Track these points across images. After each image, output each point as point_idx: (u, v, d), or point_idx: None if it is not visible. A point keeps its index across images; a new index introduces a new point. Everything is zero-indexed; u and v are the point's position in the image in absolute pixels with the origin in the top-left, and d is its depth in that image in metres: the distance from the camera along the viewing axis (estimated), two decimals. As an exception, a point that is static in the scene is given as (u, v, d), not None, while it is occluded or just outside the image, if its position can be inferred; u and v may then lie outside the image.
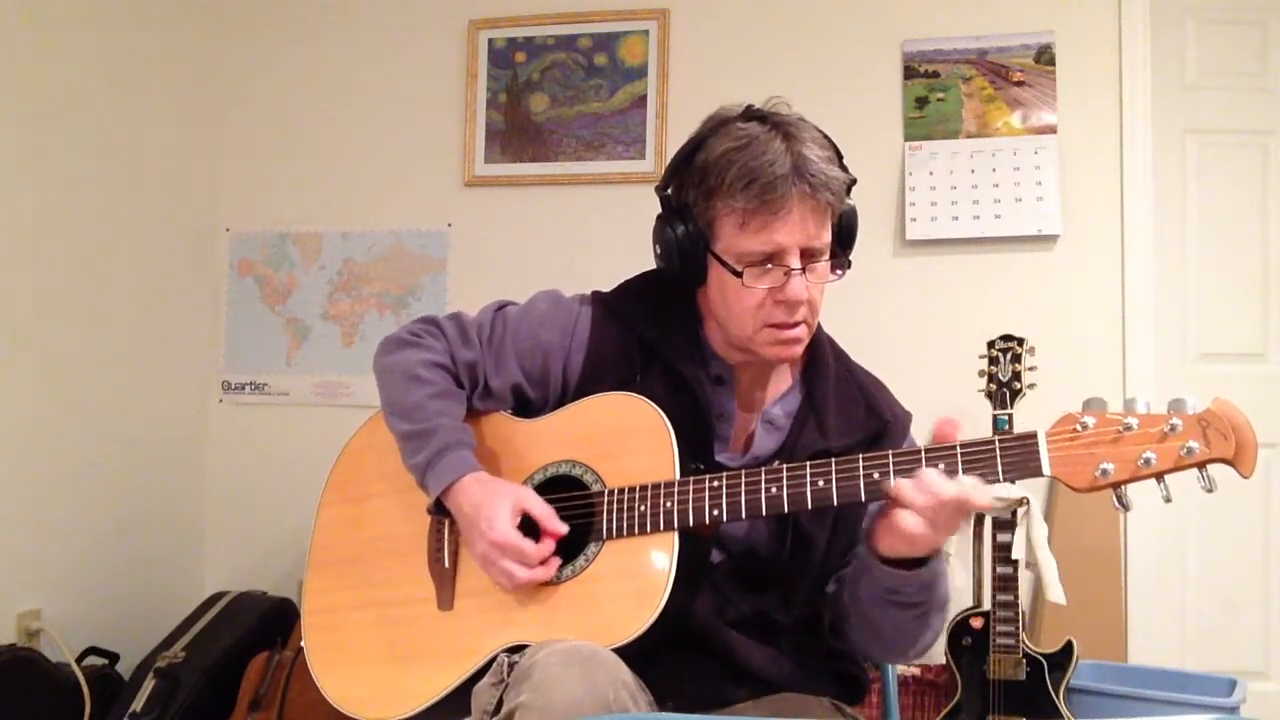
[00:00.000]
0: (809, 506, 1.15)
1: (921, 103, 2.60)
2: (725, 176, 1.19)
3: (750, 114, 1.26)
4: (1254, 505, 2.54)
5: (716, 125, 1.25)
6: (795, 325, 1.23)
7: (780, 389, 1.35)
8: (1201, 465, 0.99)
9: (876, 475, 1.12)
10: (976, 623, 2.15)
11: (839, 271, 1.28)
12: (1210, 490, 0.99)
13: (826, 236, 1.23)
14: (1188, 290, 2.59)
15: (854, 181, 1.29)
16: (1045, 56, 2.55)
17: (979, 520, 2.26)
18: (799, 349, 1.27)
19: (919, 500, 1.09)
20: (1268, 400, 2.55)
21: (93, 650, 2.30)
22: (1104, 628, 2.34)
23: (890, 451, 1.14)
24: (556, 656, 1.07)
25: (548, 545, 1.22)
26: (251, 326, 2.87)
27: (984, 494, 1.08)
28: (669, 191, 1.30)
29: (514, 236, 2.76)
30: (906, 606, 1.19)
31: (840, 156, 1.26)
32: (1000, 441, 1.08)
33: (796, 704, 1.28)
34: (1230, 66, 2.62)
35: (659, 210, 1.30)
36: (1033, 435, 1.06)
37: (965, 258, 2.56)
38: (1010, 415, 2.19)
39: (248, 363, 2.87)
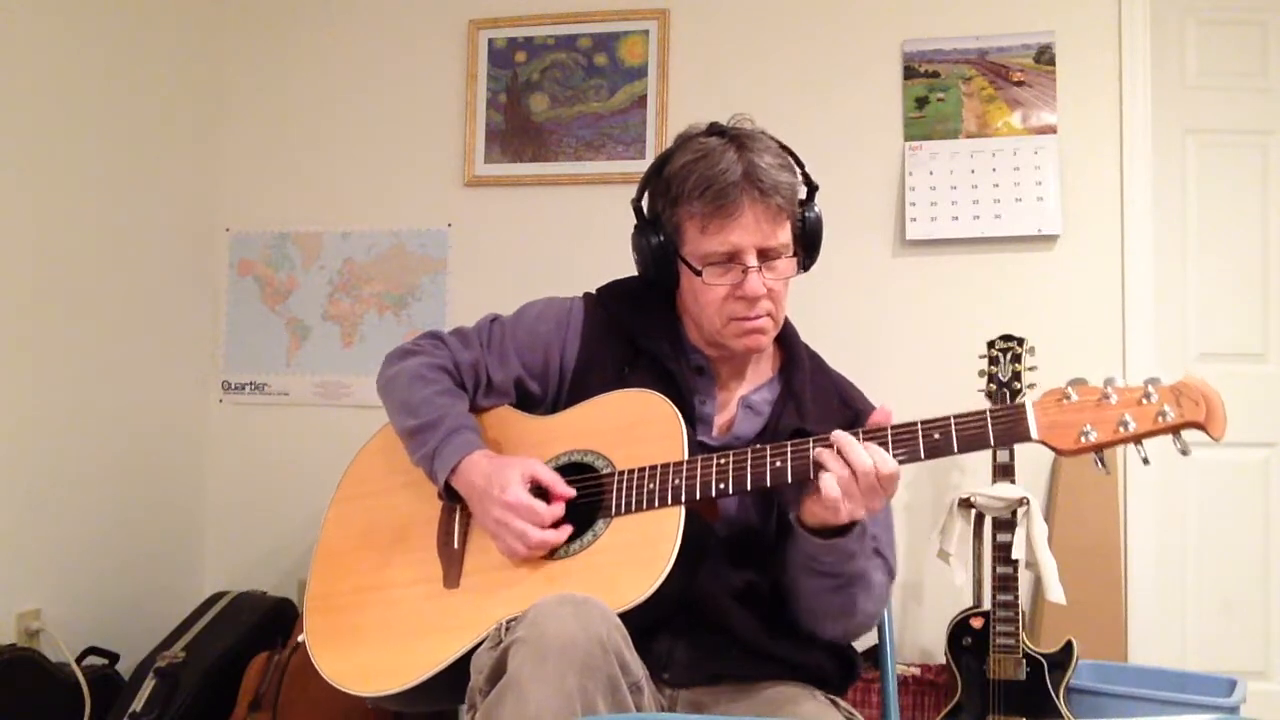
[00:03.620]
0: (811, 477, 1.20)
1: (921, 103, 2.60)
2: (685, 186, 1.32)
3: (712, 130, 1.37)
4: (1254, 505, 2.54)
5: (681, 141, 1.38)
6: (758, 317, 1.34)
7: (760, 380, 1.44)
8: (1176, 430, 1.09)
9: (876, 445, 1.18)
10: (976, 623, 2.15)
11: (801, 270, 1.40)
12: (1185, 453, 1.10)
13: (783, 237, 1.34)
14: (1188, 290, 2.59)
15: (815, 187, 1.40)
16: (1045, 56, 2.55)
17: (979, 520, 2.27)
18: (764, 339, 1.37)
19: (840, 470, 1.16)
20: (1268, 400, 2.55)
21: (93, 650, 2.30)
22: (1104, 628, 2.34)
23: (889, 427, 1.19)
24: (551, 600, 1.12)
25: (558, 507, 1.27)
26: (251, 326, 2.87)
27: (890, 463, 1.16)
28: (642, 203, 1.42)
29: (514, 236, 2.76)
30: (824, 575, 1.24)
31: (800, 166, 1.38)
32: (991, 411, 1.16)
33: (791, 698, 1.30)
34: (1230, 66, 2.62)
35: (634, 221, 1.42)
36: (1020, 404, 1.15)
37: (965, 258, 2.56)
38: (1010, 415, 2.18)
39: (248, 363, 2.87)
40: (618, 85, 2.74)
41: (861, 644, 1.46)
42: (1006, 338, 2.20)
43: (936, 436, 1.16)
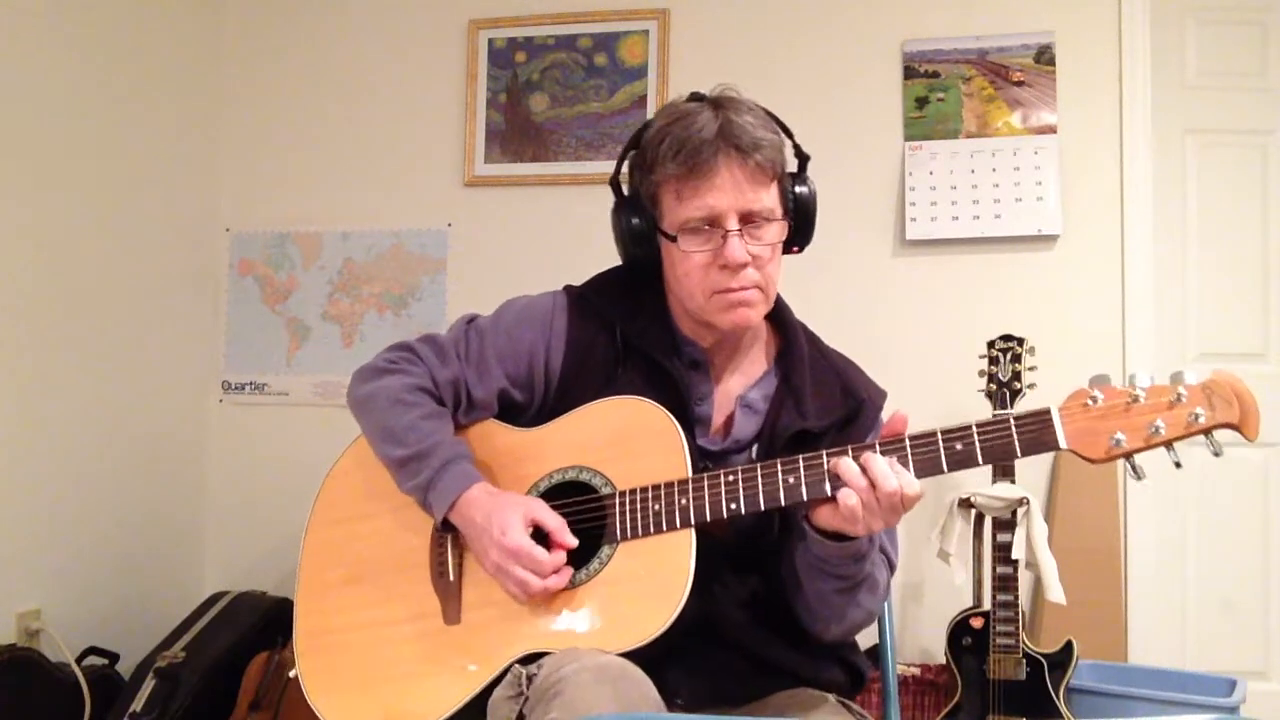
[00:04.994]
0: (828, 493, 1.14)
1: (921, 103, 2.60)
2: (659, 150, 1.24)
3: (692, 97, 1.32)
4: (1254, 505, 2.54)
5: (661, 110, 1.32)
6: (743, 289, 1.24)
7: (756, 373, 1.36)
8: (1208, 431, 1.04)
9: (897, 461, 1.13)
10: (976, 623, 2.15)
11: (795, 248, 1.32)
12: (1218, 454, 1.05)
13: (766, 199, 1.25)
14: (1188, 290, 2.59)
15: (807, 158, 1.34)
16: (1045, 56, 2.55)
17: (979, 520, 2.27)
18: (752, 314, 1.27)
19: (860, 483, 1.11)
20: (1268, 400, 2.54)
21: (93, 650, 2.30)
22: (1104, 628, 2.34)
23: (908, 437, 1.14)
24: (587, 674, 1.05)
25: (560, 556, 1.20)
26: (251, 326, 2.87)
27: (915, 485, 1.11)
28: (621, 181, 1.35)
29: (514, 236, 2.76)
30: (832, 577, 1.20)
31: (789, 135, 1.31)
32: (1016, 419, 1.10)
33: (804, 701, 1.28)
34: (1230, 66, 2.62)
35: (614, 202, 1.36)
36: (1046, 411, 1.09)
37: (965, 258, 2.56)
38: (1010, 415, 2.18)
39: (248, 363, 2.87)
40: (618, 85, 2.74)
41: (862, 643, 1.46)
42: (1006, 338, 2.20)
43: (959, 448, 1.11)
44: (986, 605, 2.19)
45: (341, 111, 2.87)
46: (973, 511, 2.23)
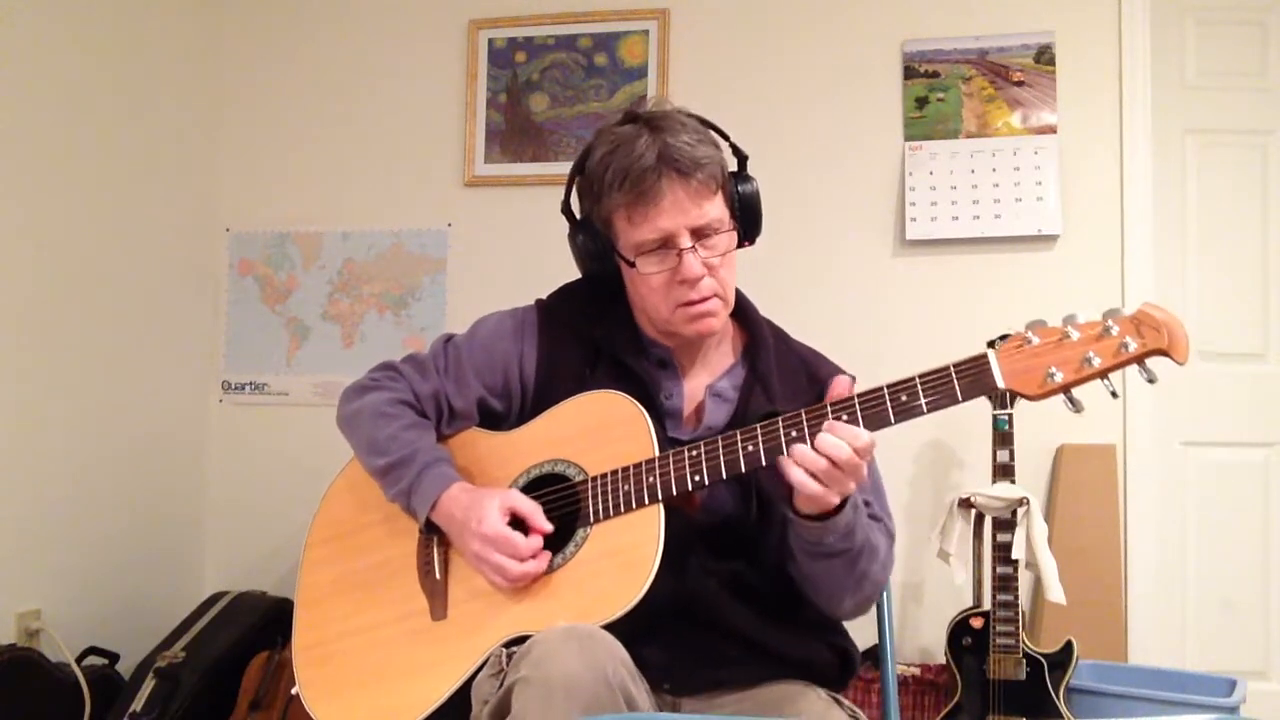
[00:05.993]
0: (785, 453, 1.18)
1: (921, 103, 2.60)
2: (604, 180, 1.31)
3: (626, 118, 1.35)
4: (1254, 505, 2.54)
5: (598, 135, 1.36)
6: (704, 300, 1.31)
7: (724, 366, 1.42)
8: (1140, 360, 1.08)
9: (845, 418, 1.17)
10: (976, 623, 2.15)
11: (747, 242, 1.37)
12: (1152, 381, 1.08)
13: (713, 211, 1.30)
14: (1188, 290, 2.59)
15: (745, 157, 1.39)
16: (1045, 56, 2.55)
17: (979, 520, 2.27)
18: (714, 322, 1.33)
19: (820, 465, 1.14)
20: (1268, 400, 2.55)
21: (93, 650, 2.30)
22: (1104, 628, 2.34)
23: (856, 397, 1.18)
24: (556, 635, 1.10)
25: (536, 540, 1.25)
26: (251, 326, 2.87)
27: (863, 437, 1.15)
28: (572, 205, 1.40)
29: (514, 236, 2.76)
30: (832, 556, 1.23)
31: (725, 137, 1.36)
32: (955, 366, 1.15)
33: (795, 697, 1.29)
34: (1230, 66, 2.62)
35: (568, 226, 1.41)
36: (983, 354, 1.14)
37: (965, 258, 2.57)
38: (1010, 415, 2.19)
39: (248, 363, 2.87)
40: (618, 85, 2.74)
41: (861, 643, 1.46)
42: (1006, 338, 2.20)
43: (904, 398, 1.16)
44: (986, 605, 2.19)
45: (341, 111, 2.87)
46: (973, 511, 2.23)
